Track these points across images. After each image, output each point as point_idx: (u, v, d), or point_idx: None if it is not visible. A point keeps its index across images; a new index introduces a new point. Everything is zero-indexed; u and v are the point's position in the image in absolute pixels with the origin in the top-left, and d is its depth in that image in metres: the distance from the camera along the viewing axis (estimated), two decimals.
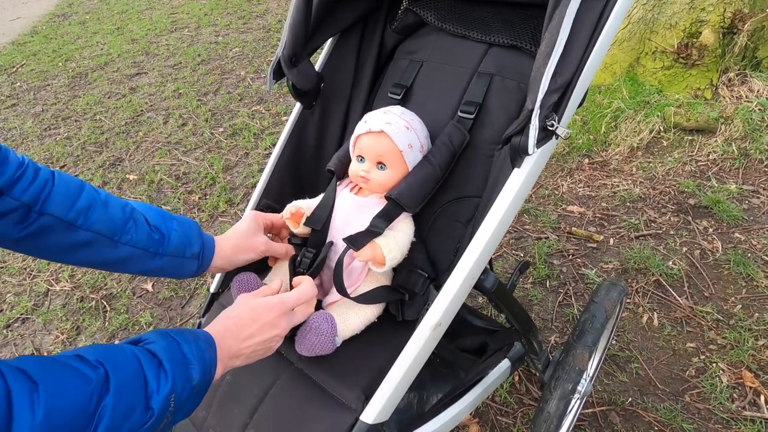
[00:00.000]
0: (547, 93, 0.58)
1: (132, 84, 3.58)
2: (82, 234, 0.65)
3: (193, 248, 0.74)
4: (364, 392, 0.69)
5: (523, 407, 1.36)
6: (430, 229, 0.87)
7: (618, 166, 2.25)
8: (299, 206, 0.84)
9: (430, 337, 0.65)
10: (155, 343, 0.54)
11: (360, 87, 1.01)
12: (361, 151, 0.82)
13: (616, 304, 1.00)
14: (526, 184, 0.67)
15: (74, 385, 0.45)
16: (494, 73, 0.86)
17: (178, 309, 1.86)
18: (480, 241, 0.65)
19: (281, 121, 2.93)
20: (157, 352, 0.52)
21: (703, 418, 1.28)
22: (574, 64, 0.60)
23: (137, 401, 0.48)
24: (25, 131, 3.16)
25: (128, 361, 0.50)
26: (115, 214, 0.68)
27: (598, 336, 0.93)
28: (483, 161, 0.85)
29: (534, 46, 0.82)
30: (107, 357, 0.49)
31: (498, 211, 0.65)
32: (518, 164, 0.65)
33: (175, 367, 0.52)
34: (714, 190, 2.01)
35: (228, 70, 3.62)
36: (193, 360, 0.54)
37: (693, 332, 1.50)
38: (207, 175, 2.52)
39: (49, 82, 3.80)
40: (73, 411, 0.44)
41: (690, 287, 1.63)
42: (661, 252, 1.78)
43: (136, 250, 0.69)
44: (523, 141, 0.61)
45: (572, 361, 0.88)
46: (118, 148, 2.85)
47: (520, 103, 0.84)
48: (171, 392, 0.50)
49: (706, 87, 2.45)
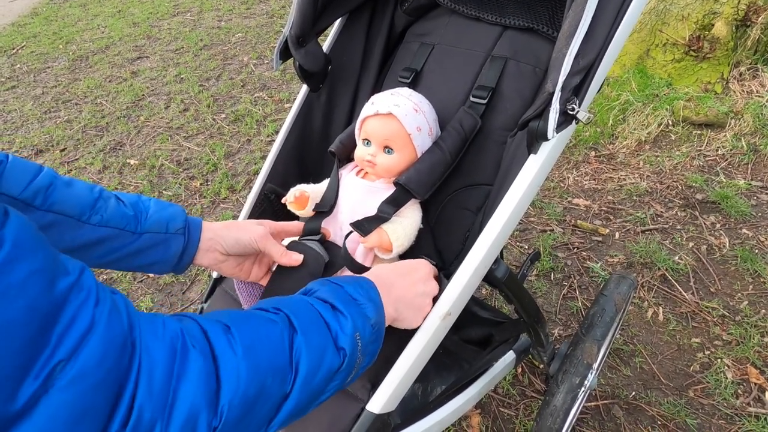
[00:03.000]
0: (569, 75, 0.55)
1: (133, 68, 3.54)
2: (40, 215, 0.59)
3: (176, 223, 0.68)
4: (369, 381, 0.68)
5: (526, 399, 1.35)
6: (439, 216, 0.85)
7: (625, 159, 2.22)
8: (304, 190, 0.82)
9: (439, 327, 0.63)
10: (320, 290, 0.53)
11: (368, 70, 0.98)
12: (368, 134, 0.79)
13: (625, 298, 0.99)
14: (543, 171, 0.64)
15: (262, 326, 0.44)
16: (509, 57, 0.83)
17: (179, 294, 1.85)
18: (493, 230, 0.63)
19: (284, 108, 2.90)
20: (326, 298, 0.51)
21: (706, 414, 1.27)
22: (598, 44, 0.57)
23: (326, 341, 0.47)
24: (25, 114, 3.12)
25: (304, 306, 0.49)
26: (80, 194, 0.63)
27: (607, 329, 0.91)
28: (495, 148, 0.82)
29: (551, 29, 0.79)
30: (283, 304, 0.48)
31: (512, 199, 0.63)
32: (535, 150, 0.63)
33: (349, 308, 0.51)
34: (722, 186, 1.98)
35: (230, 55, 3.57)
36: (362, 299, 0.53)
37: (698, 327, 1.48)
38: (209, 161, 2.49)
39: (49, 64, 3.75)
40: (270, 348, 0.43)
41: (696, 282, 1.62)
42: (667, 247, 1.76)
43: (110, 230, 0.64)
44: (541, 125, 0.58)
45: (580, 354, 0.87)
46: (119, 133, 2.82)
47: (535, 89, 0.81)
48: (354, 330, 0.49)
49: (717, 81, 2.41)
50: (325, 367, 0.47)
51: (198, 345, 0.39)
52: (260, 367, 0.41)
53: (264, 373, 0.42)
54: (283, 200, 0.82)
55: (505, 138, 0.81)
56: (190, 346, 0.39)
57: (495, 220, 0.63)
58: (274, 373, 0.43)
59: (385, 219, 0.74)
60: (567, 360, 0.92)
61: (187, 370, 0.37)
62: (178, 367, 0.37)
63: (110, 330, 0.34)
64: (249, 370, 0.40)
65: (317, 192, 0.84)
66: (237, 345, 0.41)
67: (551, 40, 0.80)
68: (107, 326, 0.34)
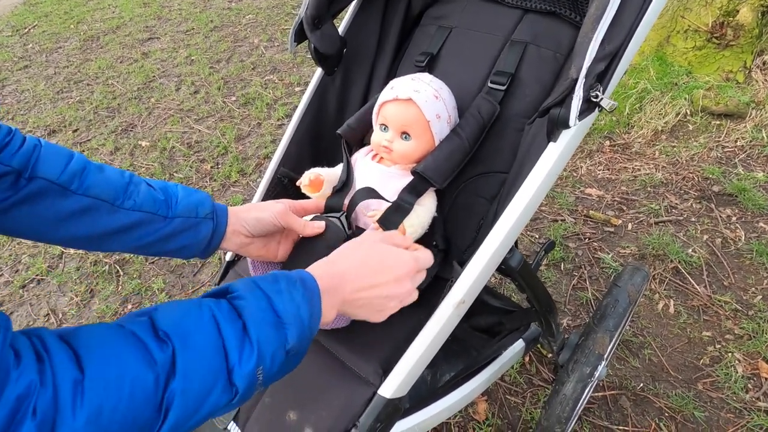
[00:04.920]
0: (594, 61, 0.54)
1: (144, 49, 3.53)
2: (78, 200, 0.59)
3: (205, 207, 0.68)
4: (381, 366, 0.68)
5: (533, 387, 1.36)
6: (453, 203, 0.84)
7: (640, 149, 2.18)
8: (318, 173, 0.82)
9: (452, 315, 0.63)
10: (242, 298, 0.45)
11: (384, 53, 0.96)
12: (386, 119, 0.78)
13: (639, 289, 0.98)
14: (562, 160, 0.63)
15: (131, 369, 0.38)
16: (529, 42, 0.81)
17: (190, 276, 1.87)
18: (509, 219, 0.62)
19: (294, 91, 2.88)
20: (242, 312, 0.44)
21: (715, 407, 1.27)
22: (625, 29, 0.55)
23: (215, 379, 0.41)
24: (38, 94, 3.14)
25: (204, 329, 0.42)
26: (112, 178, 0.64)
27: (620, 321, 0.91)
28: (512, 135, 0.81)
29: (574, 13, 0.77)
30: (178, 327, 0.41)
31: (530, 188, 0.62)
32: (554, 138, 0.62)
33: (262, 333, 0.43)
34: (740, 178, 1.94)
35: (241, 37, 3.54)
36: (288, 319, 0.45)
37: (710, 321, 1.47)
38: (219, 144, 2.49)
39: (61, 44, 3.75)
40: (132, 403, 0.37)
41: (709, 276, 1.60)
42: (681, 239, 1.74)
43: (143, 215, 0.63)
44: (563, 113, 0.57)
45: (592, 344, 0.86)
46: (131, 114, 2.82)
47: (555, 75, 0.79)
48: (257, 365, 0.43)
49: (739, 70, 2.34)
50: (206, 409, 0.41)
51: (39, 411, 0.33)
52: (109, 429, 0.36)
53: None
54: (297, 183, 0.82)
55: (523, 125, 0.80)
56: (29, 414, 0.33)
57: (511, 208, 0.62)
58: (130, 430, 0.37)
59: (408, 209, 0.73)
60: (578, 349, 0.92)
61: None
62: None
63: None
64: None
65: (332, 175, 0.83)
66: (82, 409, 0.35)
67: (573, 25, 0.78)
68: None
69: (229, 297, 0.47)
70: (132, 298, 1.79)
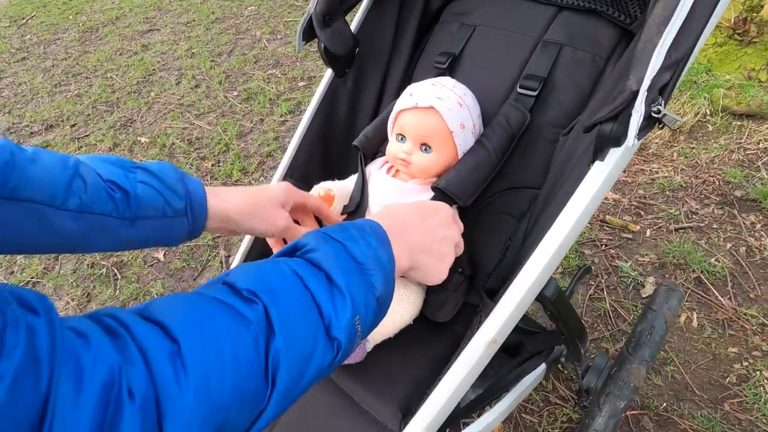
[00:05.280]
0: (660, 70, 0.46)
1: (144, 41, 3.43)
2: (3, 206, 0.45)
3: (175, 198, 0.55)
4: (400, 409, 0.61)
5: (549, 405, 1.29)
6: (476, 221, 0.77)
7: (658, 150, 2.10)
8: (329, 188, 0.74)
9: (483, 354, 0.56)
10: (315, 250, 0.40)
11: (400, 53, 0.88)
12: (403, 129, 0.71)
13: (675, 313, 0.91)
14: (609, 181, 0.55)
15: (227, 333, 0.33)
16: (564, 43, 0.72)
17: (190, 281, 1.81)
18: (548, 249, 0.55)
19: (297, 86, 2.79)
20: (321, 263, 0.39)
21: (743, 430, 1.20)
22: (694, 34, 0.47)
23: (315, 335, 0.37)
24: (35, 87, 3.06)
25: (289, 285, 0.37)
26: (51, 170, 0.48)
27: (656, 349, 0.84)
28: (544, 147, 0.73)
29: (617, 11, 0.69)
30: (261, 284, 0.36)
31: (572, 213, 0.55)
32: (602, 156, 0.54)
33: (350, 280, 0.39)
34: (764, 182, 1.86)
35: (243, 30, 3.44)
36: (369, 263, 0.41)
37: (735, 336, 1.40)
38: (220, 140, 2.41)
39: (59, 35, 3.66)
40: (237, 368, 0.32)
41: (734, 287, 1.52)
42: (702, 247, 1.66)
43: (94, 217, 0.50)
44: (617, 129, 0.49)
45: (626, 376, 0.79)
46: (130, 109, 2.74)
47: (594, 80, 0.71)
48: (354, 314, 0.38)
49: (762, 68, 2.25)
50: (313, 370, 0.37)
51: (137, 392, 0.28)
52: (221, 401, 0.31)
53: (226, 406, 0.32)
54: (316, 197, 0.75)
55: (557, 135, 0.72)
56: (126, 398, 0.28)
57: (551, 238, 0.55)
58: (242, 402, 0.32)
59: None
60: (611, 382, 0.84)
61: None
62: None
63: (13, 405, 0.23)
64: (204, 413, 0.30)
65: (343, 190, 0.76)
66: (187, 381, 0.30)
67: (616, 25, 0.70)
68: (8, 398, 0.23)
69: (300, 253, 0.41)
70: (130, 302, 1.73)
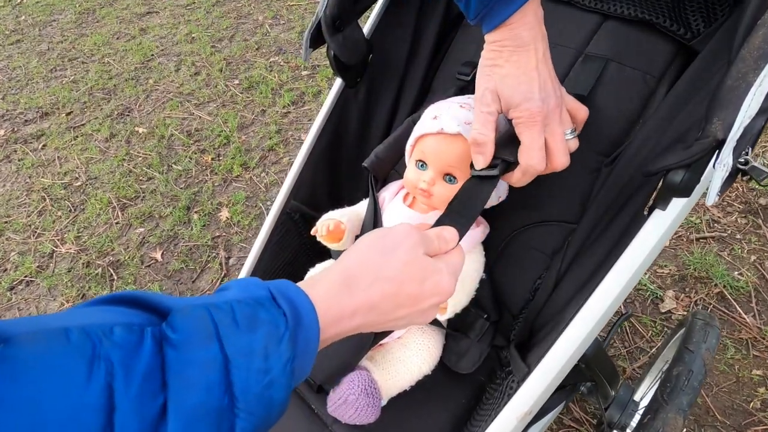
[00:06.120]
0: (757, 114, 0.37)
1: (142, 24, 3.31)
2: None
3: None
4: None
5: (563, 428, 1.23)
6: (500, 256, 0.69)
7: None
8: (339, 220, 0.66)
9: (516, 428, 0.49)
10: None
11: (417, 61, 0.79)
12: (425, 156, 0.62)
13: (714, 353, 0.84)
14: (669, 232, 0.47)
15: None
16: (609, 58, 0.63)
17: (189, 283, 1.74)
18: (598, 308, 0.47)
19: (301, 75, 2.68)
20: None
21: None
22: None
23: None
24: (30, 71, 2.95)
25: None
26: None
27: (695, 396, 0.76)
28: (581, 176, 0.64)
29: (675, 23, 0.60)
30: None
31: (628, 268, 0.47)
32: (664, 206, 0.46)
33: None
34: None
35: (244, 13, 3.31)
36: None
37: (760, 357, 1.33)
38: (221, 133, 2.32)
39: (55, 17, 3.53)
40: None
41: (759, 303, 1.45)
42: (725, 259, 1.58)
43: None
44: (689, 180, 0.41)
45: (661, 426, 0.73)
46: (127, 96, 2.65)
47: (643, 102, 0.62)
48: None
49: None
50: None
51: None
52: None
53: None
54: (312, 232, 0.67)
55: (598, 164, 0.63)
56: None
57: (600, 296, 0.47)
58: None
59: None
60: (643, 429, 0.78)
61: None
62: None
63: None
64: None
65: (354, 218, 0.68)
66: None
67: (672, 39, 0.61)
68: None
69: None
70: None
